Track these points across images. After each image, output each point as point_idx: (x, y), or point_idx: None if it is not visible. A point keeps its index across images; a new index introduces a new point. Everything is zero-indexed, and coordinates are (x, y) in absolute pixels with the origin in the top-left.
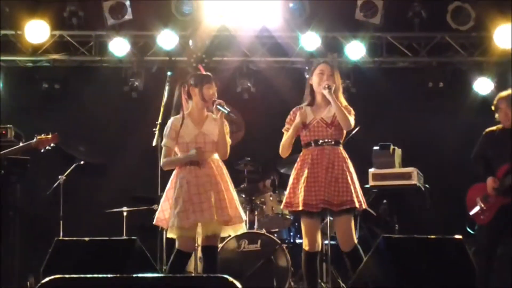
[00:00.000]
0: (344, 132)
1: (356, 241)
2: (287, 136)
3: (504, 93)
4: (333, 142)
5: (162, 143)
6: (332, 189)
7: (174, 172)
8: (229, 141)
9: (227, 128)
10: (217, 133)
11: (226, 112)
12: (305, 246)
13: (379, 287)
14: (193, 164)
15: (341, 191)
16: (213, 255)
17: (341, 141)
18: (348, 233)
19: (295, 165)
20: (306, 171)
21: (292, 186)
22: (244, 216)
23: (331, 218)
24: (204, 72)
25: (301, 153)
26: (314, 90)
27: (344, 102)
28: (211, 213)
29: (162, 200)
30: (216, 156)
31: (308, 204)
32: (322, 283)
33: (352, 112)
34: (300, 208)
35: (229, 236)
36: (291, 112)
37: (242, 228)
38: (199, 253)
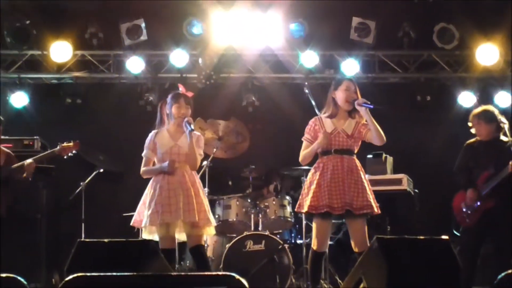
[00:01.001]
0: (360, 144)
1: (368, 243)
2: (309, 151)
3: (476, 111)
4: (350, 152)
5: (142, 154)
6: (352, 194)
7: (151, 180)
8: (200, 154)
9: (200, 143)
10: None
11: (189, 129)
12: (314, 246)
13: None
14: (166, 173)
15: (360, 196)
16: (200, 253)
17: (356, 152)
18: (364, 235)
19: (312, 171)
20: (328, 177)
21: (315, 190)
22: (214, 221)
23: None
24: (181, 91)
25: (318, 160)
26: (336, 103)
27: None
28: (178, 214)
29: (139, 204)
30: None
31: (331, 207)
32: (321, 280)
33: None
34: (325, 210)
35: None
36: (310, 122)
37: (211, 231)
38: (210, 254)
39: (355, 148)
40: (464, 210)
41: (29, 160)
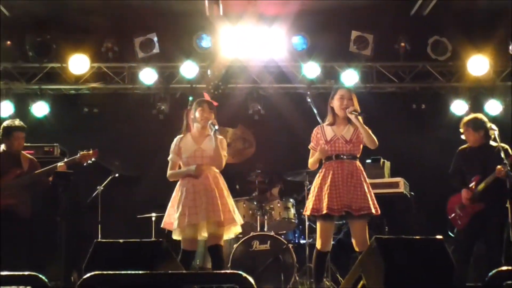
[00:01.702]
0: (361, 148)
1: (369, 243)
2: (313, 159)
3: (466, 119)
4: (351, 157)
5: (168, 158)
6: (351, 196)
7: (178, 182)
8: (225, 155)
9: (223, 144)
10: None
11: (215, 129)
12: (318, 245)
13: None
14: (192, 176)
15: (359, 198)
16: (218, 253)
17: (358, 156)
18: (364, 235)
19: (318, 175)
20: (328, 181)
21: (316, 194)
22: (239, 220)
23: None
24: (206, 98)
25: (322, 166)
26: (335, 111)
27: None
28: (203, 216)
29: (168, 206)
30: (214, 168)
31: (331, 208)
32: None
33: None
34: (324, 211)
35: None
36: (314, 131)
37: (236, 229)
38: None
39: (355, 152)
40: (456, 212)
41: (61, 163)
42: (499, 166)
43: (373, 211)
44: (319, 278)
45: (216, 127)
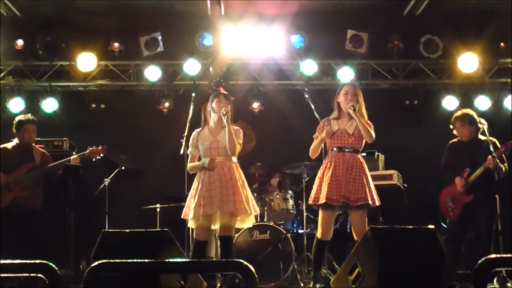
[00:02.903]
0: (364, 142)
1: None
2: (315, 143)
3: (457, 114)
4: (352, 150)
5: (187, 151)
6: (350, 188)
7: (197, 174)
8: (239, 143)
9: (238, 133)
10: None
11: (226, 114)
12: (318, 234)
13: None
14: (207, 168)
15: (357, 190)
16: (228, 244)
17: (360, 150)
18: (362, 225)
19: (321, 166)
20: (329, 172)
21: (318, 184)
22: (254, 210)
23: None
24: (222, 91)
25: (326, 157)
26: (340, 106)
27: (366, 116)
28: (217, 206)
29: (188, 197)
30: (230, 159)
31: (330, 198)
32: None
33: (372, 126)
34: (323, 201)
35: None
36: (321, 122)
37: (250, 219)
38: (219, 242)
39: (357, 146)
40: (448, 204)
41: (74, 156)
42: (489, 157)
43: (370, 202)
44: (318, 266)
45: (227, 112)
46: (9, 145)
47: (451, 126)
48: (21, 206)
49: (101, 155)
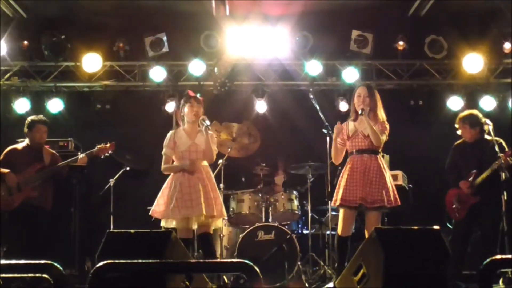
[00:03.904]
0: (382, 143)
1: None
2: (332, 149)
3: (462, 115)
4: (369, 151)
5: (162, 152)
6: (367, 190)
7: (171, 175)
8: (215, 149)
9: (213, 139)
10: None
11: (206, 125)
12: (339, 231)
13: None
14: (186, 171)
15: (374, 192)
16: (208, 241)
17: (379, 150)
18: (373, 225)
19: (343, 168)
20: (346, 175)
21: (337, 187)
22: (225, 213)
23: (333, 213)
24: (191, 94)
25: (348, 160)
26: (355, 108)
27: (382, 118)
28: (200, 209)
29: (158, 196)
30: (205, 162)
31: (346, 200)
32: (325, 266)
33: (386, 128)
34: (338, 203)
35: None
36: (337, 124)
37: (220, 223)
38: (224, 242)
39: (374, 147)
40: (454, 205)
41: (82, 155)
42: (501, 154)
43: (386, 204)
44: (342, 260)
45: (208, 122)
46: (19, 146)
47: (456, 126)
48: (32, 206)
49: (110, 152)
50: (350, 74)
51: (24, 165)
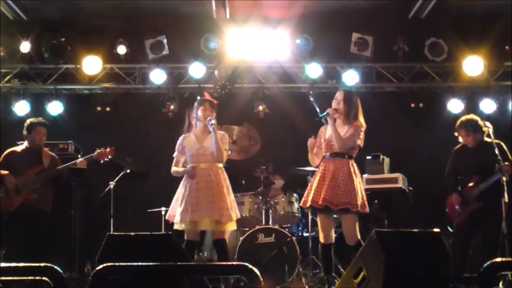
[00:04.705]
0: (356, 148)
1: (359, 237)
2: (309, 155)
3: (461, 120)
4: (341, 155)
5: (173, 155)
6: (334, 192)
7: (183, 178)
8: (226, 149)
9: (225, 139)
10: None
11: (212, 123)
12: (321, 239)
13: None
14: (189, 176)
15: (340, 194)
16: (222, 246)
17: (352, 155)
18: (350, 230)
19: (316, 172)
20: (318, 177)
21: (308, 188)
22: (235, 216)
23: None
24: (207, 98)
25: (321, 163)
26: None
27: (359, 122)
28: (206, 213)
29: (173, 200)
30: (220, 165)
31: (315, 201)
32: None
33: (359, 132)
34: (308, 204)
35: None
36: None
37: (233, 224)
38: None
39: (347, 151)
40: (455, 209)
41: (81, 159)
42: (506, 163)
43: (352, 207)
44: (327, 270)
45: (213, 121)
46: (18, 148)
47: (456, 134)
48: (31, 209)
49: (109, 157)
50: (350, 77)
51: (23, 168)
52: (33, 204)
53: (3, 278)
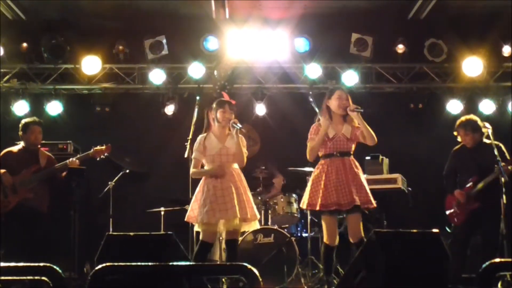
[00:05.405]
0: (355, 145)
1: (362, 234)
2: (316, 142)
3: (460, 120)
4: (349, 154)
5: (192, 156)
6: (356, 192)
7: (203, 179)
8: (245, 152)
9: (243, 142)
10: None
11: (238, 127)
12: (326, 240)
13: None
14: (214, 175)
15: (361, 193)
16: (235, 247)
17: (352, 153)
18: (358, 227)
19: (315, 171)
20: (333, 178)
21: (323, 191)
22: (258, 215)
23: (340, 216)
24: (225, 98)
25: (321, 162)
26: (331, 110)
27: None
28: (234, 212)
29: (192, 201)
30: (236, 166)
31: (340, 204)
32: None
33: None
34: (334, 208)
35: (245, 231)
36: (312, 128)
37: (256, 225)
38: (223, 245)
39: (352, 149)
40: (454, 209)
41: (72, 159)
42: (503, 163)
43: (374, 204)
44: (328, 271)
45: (239, 125)
46: (15, 148)
47: (455, 133)
48: (27, 208)
49: (106, 154)
50: (350, 77)
51: (20, 167)
52: (29, 203)
53: (3, 277)
